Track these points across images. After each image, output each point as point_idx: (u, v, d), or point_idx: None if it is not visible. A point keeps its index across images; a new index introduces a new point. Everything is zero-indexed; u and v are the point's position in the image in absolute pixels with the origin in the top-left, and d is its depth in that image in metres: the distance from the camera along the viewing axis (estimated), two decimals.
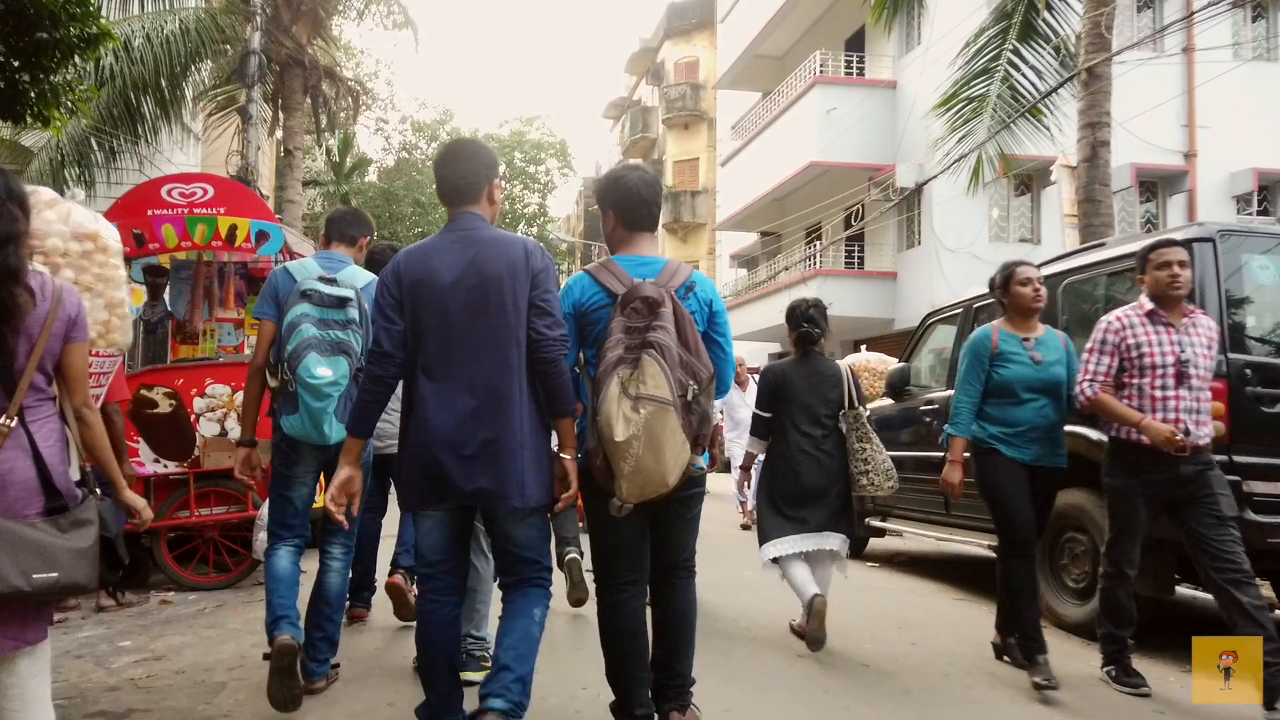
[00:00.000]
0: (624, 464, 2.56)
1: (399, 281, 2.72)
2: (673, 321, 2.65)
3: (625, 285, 2.74)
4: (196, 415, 5.68)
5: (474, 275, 2.68)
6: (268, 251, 5.78)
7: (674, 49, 33.99)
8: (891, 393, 6.72)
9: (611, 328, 2.67)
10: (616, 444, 2.55)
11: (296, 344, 3.32)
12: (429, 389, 2.67)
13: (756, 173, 20.29)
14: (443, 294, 2.68)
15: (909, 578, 6.30)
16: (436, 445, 2.63)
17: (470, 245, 2.72)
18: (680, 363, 2.62)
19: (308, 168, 29.20)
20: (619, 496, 2.63)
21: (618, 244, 2.95)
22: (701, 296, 2.86)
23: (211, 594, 5.48)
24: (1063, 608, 4.82)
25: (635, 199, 2.90)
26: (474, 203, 2.81)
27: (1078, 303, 5.16)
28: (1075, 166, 9.33)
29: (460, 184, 2.81)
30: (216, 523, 5.65)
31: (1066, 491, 4.83)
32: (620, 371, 2.60)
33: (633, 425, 2.54)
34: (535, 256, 2.73)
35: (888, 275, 17.36)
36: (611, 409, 2.55)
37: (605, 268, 2.83)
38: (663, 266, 2.84)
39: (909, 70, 16.93)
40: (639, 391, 2.56)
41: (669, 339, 2.61)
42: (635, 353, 2.62)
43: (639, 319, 2.66)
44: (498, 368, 2.66)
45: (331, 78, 16.84)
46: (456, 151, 2.88)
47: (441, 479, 2.63)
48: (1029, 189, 16.51)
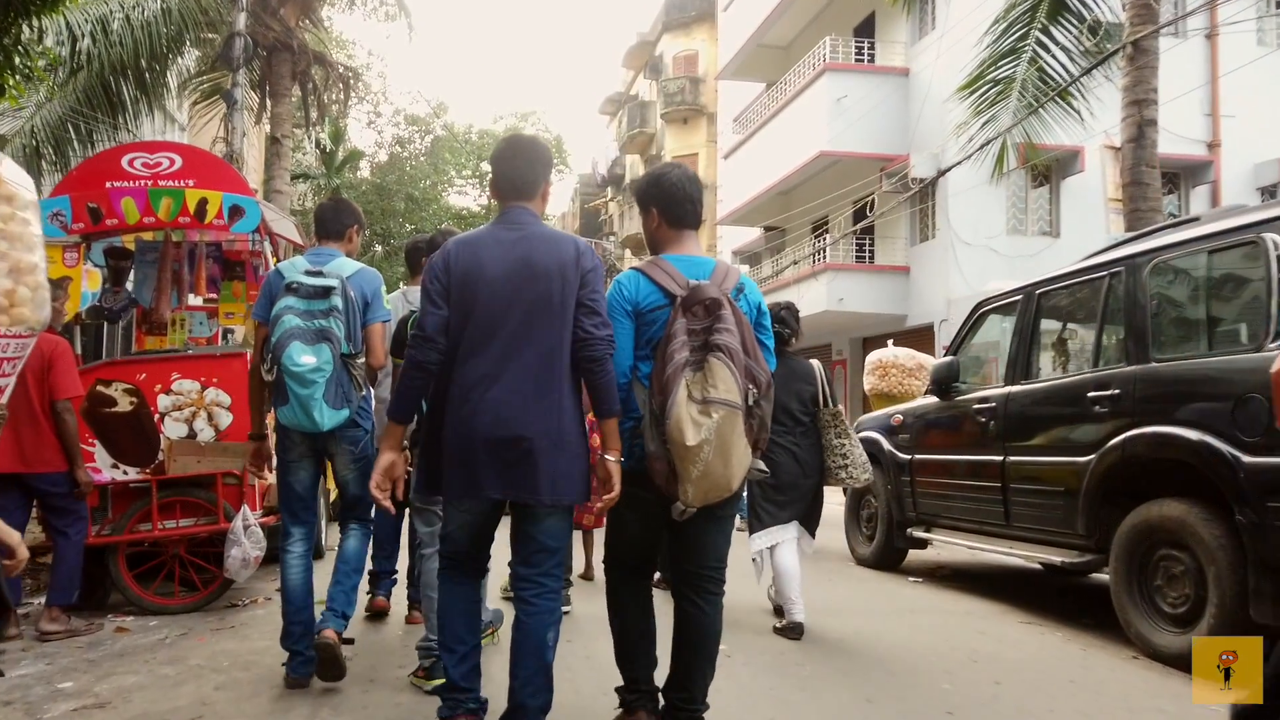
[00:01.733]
0: (693, 468, 2.53)
1: (448, 270, 2.71)
2: (735, 324, 2.63)
3: (681, 286, 2.71)
4: (161, 414, 5.00)
5: (524, 270, 2.67)
6: (242, 229, 5.11)
7: (673, 42, 33.36)
8: (937, 390, 6.06)
9: (674, 330, 2.62)
10: (687, 449, 2.51)
11: (280, 334, 3.42)
12: (469, 380, 2.65)
13: (761, 165, 19.65)
14: (490, 286, 2.67)
15: (961, 596, 5.65)
16: (474, 437, 2.62)
17: (522, 240, 2.72)
18: (745, 367, 2.61)
19: (297, 160, 28.48)
20: (683, 500, 2.59)
21: (662, 243, 2.91)
22: (751, 299, 2.86)
23: (176, 619, 4.80)
24: (1157, 636, 4.16)
25: (680, 194, 2.87)
26: (529, 199, 2.82)
27: (1169, 285, 4.51)
28: (1119, 148, 8.70)
29: (519, 180, 2.83)
30: (183, 537, 4.97)
31: (1161, 502, 4.20)
32: (687, 374, 2.57)
33: (704, 430, 2.51)
34: (586, 256, 2.73)
35: (900, 270, 16.72)
36: (681, 413, 2.52)
37: (658, 266, 2.78)
38: (714, 267, 2.81)
39: (922, 57, 16.30)
40: (707, 395, 2.54)
41: (735, 342, 2.60)
42: (700, 355, 2.59)
43: (698, 321, 2.64)
44: (541, 363, 2.65)
45: (322, 63, 16.13)
46: (517, 148, 2.90)
47: (477, 472, 2.62)
48: (1047, 180, 15.89)
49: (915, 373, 8.74)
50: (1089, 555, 4.73)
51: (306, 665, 3.54)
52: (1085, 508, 4.64)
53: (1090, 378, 4.73)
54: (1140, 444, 4.32)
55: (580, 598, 5.12)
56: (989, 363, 6.66)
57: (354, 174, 30.50)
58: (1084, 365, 5.11)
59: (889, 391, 8.71)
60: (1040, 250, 15.35)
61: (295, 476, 3.66)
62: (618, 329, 2.75)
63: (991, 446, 5.40)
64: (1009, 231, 15.62)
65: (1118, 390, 4.47)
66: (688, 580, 2.84)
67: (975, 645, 4.34)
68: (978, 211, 15.28)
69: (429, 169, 32.75)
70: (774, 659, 4.04)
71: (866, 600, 5.44)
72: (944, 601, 5.46)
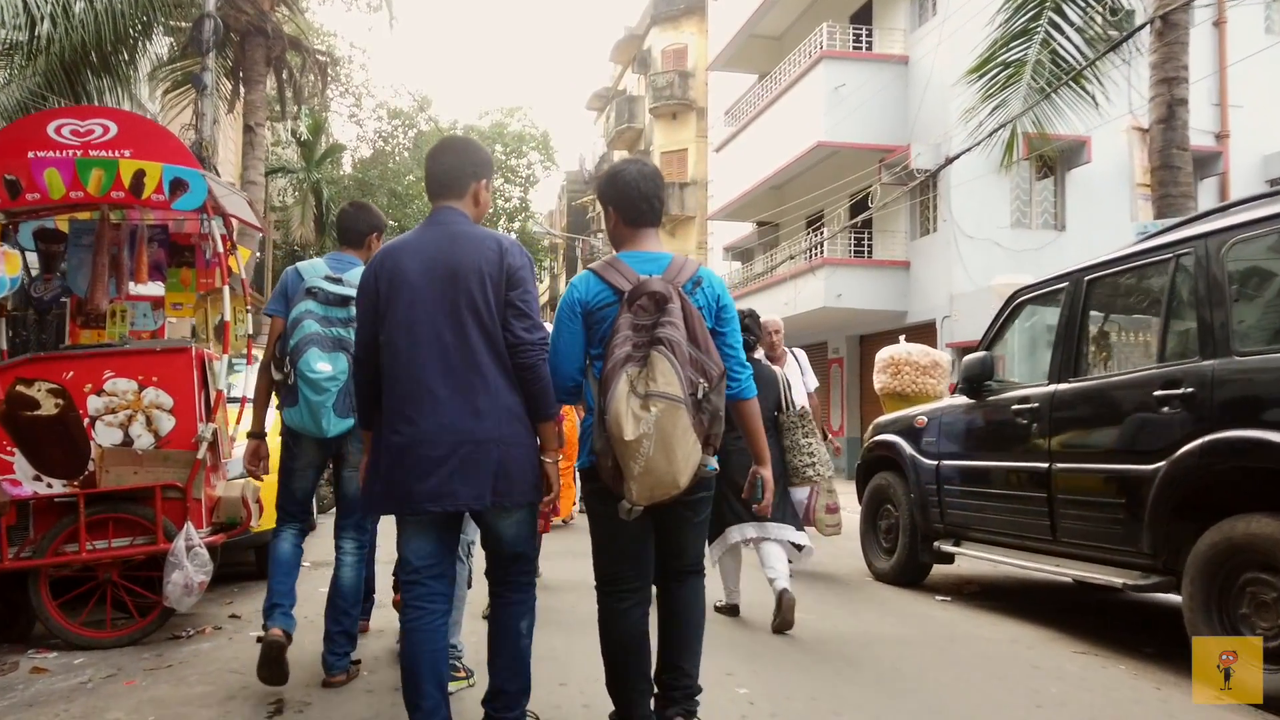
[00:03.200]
0: (634, 464, 2.51)
1: (376, 278, 2.70)
2: (681, 318, 2.60)
3: (631, 282, 2.68)
4: (91, 418, 4.35)
5: (444, 270, 2.64)
6: (187, 205, 4.46)
7: (661, 35, 32.80)
8: (968, 389, 5.47)
9: (618, 325, 2.61)
10: (626, 443, 2.49)
11: (299, 339, 3.47)
12: (399, 388, 2.63)
13: (754, 158, 19.06)
14: (413, 289, 2.64)
15: (1000, 619, 5.06)
16: (411, 447, 2.59)
17: (444, 240, 2.69)
18: (690, 360, 2.57)
19: (276, 154, 27.74)
20: (628, 499, 2.56)
21: (621, 241, 2.88)
22: (709, 292, 2.79)
23: (107, 655, 4.15)
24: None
25: (634, 193, 2.82)
26: (456, 198, 2.79)
27: (1254, 266, 3.93)
28: (1146, 130, 8.15)
29: (444, 177, 2.81)
30: (116, 559, 4.32)
31: (1248, 518, 3.62)
32: (629, 369, 2.55)
33: (643, 424, 2.49)
34: (511, 253, 2.68)
35: (900, 264, 16.16)
36: (620, 407, 2.50)
37: (611, 265, 2.77)
38: (669, 262, 2.77)
39: (922, 45, 15.75)
40: (649, 389, 2.51)
41: (679, 335, 2.57)
42: (644, 350, 2.56)
43: (646, 316, 2.61)
44: (470, 367, 2.61)
45: (297, 49, 15.46)
46: (446, 145, 2.90)
47: (418, 483, 2.57)
48: (1052, 172, 15.37)
49: (930, 370, 8.15)
50: (1154, 576, 4.15)
51: (286, 618, 3.60)
52: (1151, 522, 4.06)
53: (1156, 374, 4.14)
54: (1220, 450, 3.74)
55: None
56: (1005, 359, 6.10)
57: (335, 169, 29.73)
58: (1147, 360, 4.53)
59: (902, 390, 8.12)
60: (1045, 244, 14.84)
61: (297, 481, 3.74)
62: (564, 331, 2.74)
63: (1035, 451, 4.82)
64: (1013, 225, 15.09)
65: (1191, 388, 3.89)
66: (671, 576, 2.87)
67: (1035, 685, 3.74)
68: (980, 204, 14.76)
69: (413, 164, 32.03)
70: (806, 706, 3.43)
71: (898, 626, 4.84)
72: (983, 626, 4.86)
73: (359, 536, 3.72)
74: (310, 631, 3.98)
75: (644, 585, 2.81)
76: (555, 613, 4.84)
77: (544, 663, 3.50)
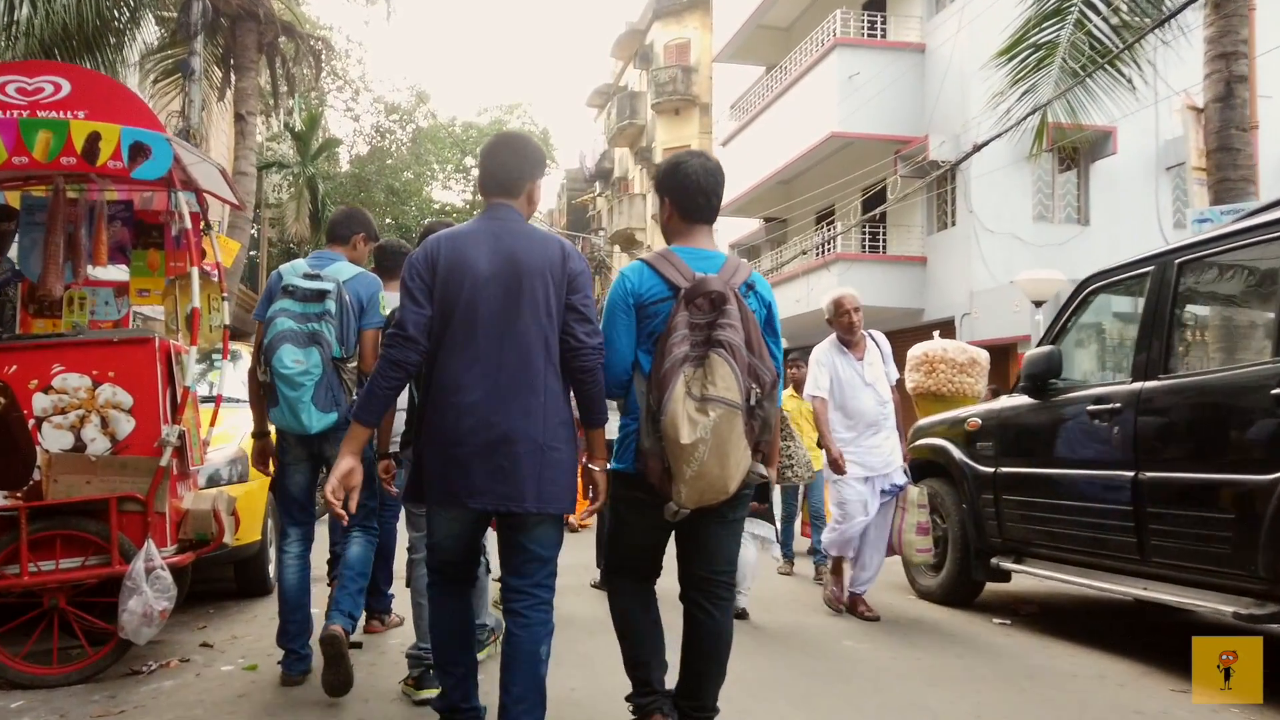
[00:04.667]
0: (686, 468, 2.46)
1: (432, 266, 2.62)
2: (740, 320, 2.55)
3: (687, 278, 2.63)
4: (37, 419, 3.77)
5: (510, 268, 2.60)
6: (148, 174, 3.87)
7: (664, 30, 32.26)
8: (1031, 387, 4.89)
9: (675, 323, 2.56)
10: (682, 446, 2.44)
11: (272, 336, 3.49)
12: (451, 382, 2.57)
13: (762, 152, 18.49)
14: (475, 284, 2.59)
15: (1074, 648, 4.47)
16: (456, 443, 2.54)
17: (506, 237, 2.64)
18: (747, 365, 2.53)
19: (271, 149, 27.15)
20: (676, 501, 2.51)
21: (673, 235, 2.84)
22: (762, 297, 2.78)
23: (53, 694, 3.56)
24: None
25: (694, 187, 2.77)
26: (513, 197, 2.74)
27: None
28: (1202, 109, 7.58)
29: (502, 175, 2.74)
30: (64, 583, 3.72)
31: None
32: (686, 370, 2.50)
33: (700, 428, 2.44)
34: (573, 258, 2.67)
35: (916, 260, 15.60)
36: (678, 409, 2.45)
37: (665, 258, 2.72)
38: (724, 262, 2.74)
39: (939, 33, 15.19)
40: (706, 392, 2.47)
41: (738, 338, 2.52)
42: (700, 350, 2.52)
43: (701, 315, 2.56)
44: (526, 366, 2.57)
45: (290, 34, 14.86)
46: (504, 143, 2.85)
47: (461, 478, 2.54)
48: (1075, 164, 14.81)
49: (968, 368, 7.56)
50: (1272, 605, 3.56)
51: (302, 663, 3.63)
52: (1269, 542, 3.48)
53: (1272, 370, 3.57)
54: None
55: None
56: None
57: (332, 165, 29.14)
58: (1260, 353, 3.95)
59: (937, 390, 7.53)
60: (1069, 239, 14.30)
61: (291, 479, 3.71)
62: (617, 324, 2.69)
63: (1118, 458, 4.23)
64: (1035, 219, 14.54)
65: None
66: (698, 585, 2.76)
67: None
68: (1002, 197, 14.21)
69: (411, 160, 31.45)
70: None
71: (964, 657, 4.25)
72: (1059, 658, 4.27)
73: (365, 523, 3.69)
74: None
75: (657, 572, 2.85)
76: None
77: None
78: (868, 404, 5.01)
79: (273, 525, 5.58)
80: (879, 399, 5.01)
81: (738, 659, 2.95)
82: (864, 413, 5.01)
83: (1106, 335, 5.41)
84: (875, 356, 5.11)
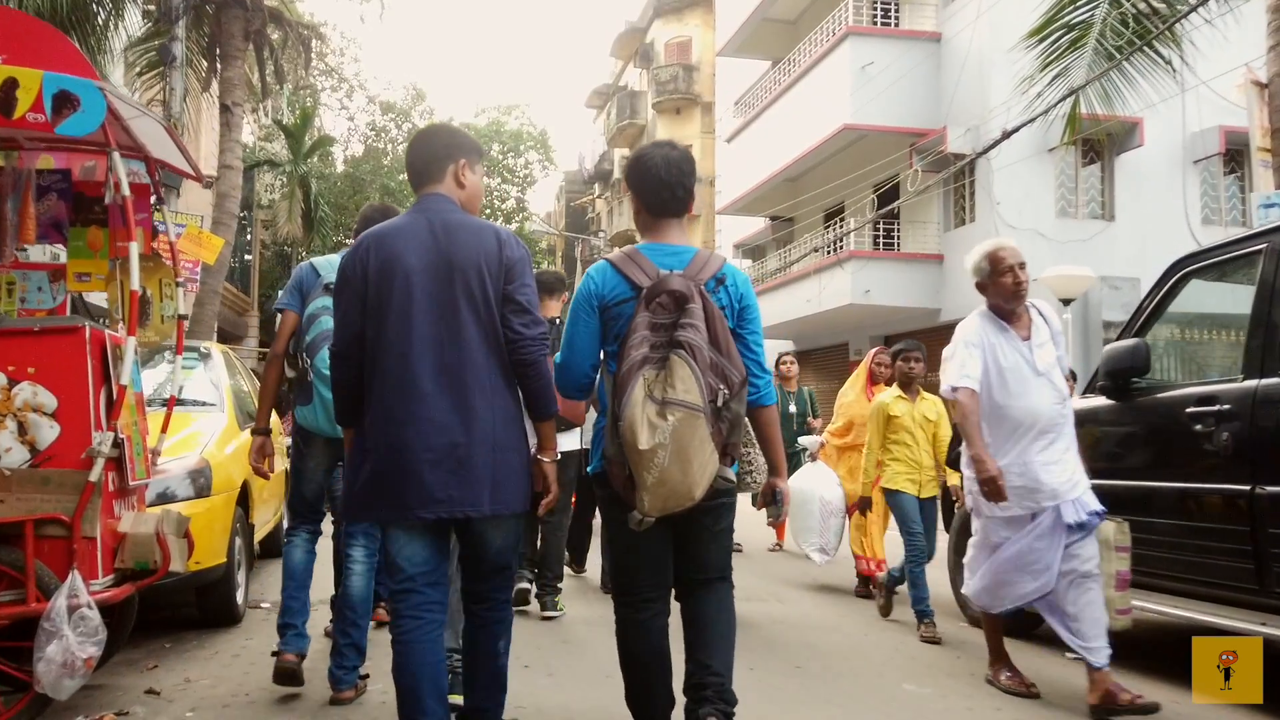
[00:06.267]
0: (647, 475, 2.39)
1: (363, 271, 2.55)
2: (703, 319, 2.48)
3: (651, 277, 2.56)
4: None
5: (441, 262, 2.53)
6: (76, 129, 3.21)
7: (664, 28, 31.74)
8: (1113, 387, 4.24)
9: (635, 324, 2.49)
10: (640, 452, 2.38)
11: (315, 335, 3.44)
12: (390, 385, 2.49)
13: (769, 148, 17.90)
14: (408, 281, 2.51)
15: (1168, 689, 3.81)
16: (403, 449, 2.46)
17: (438, 228, 2.57)
18: (711, 364, 2.46)
19: (262, 147, 26.49)
20: (639, 509, 2.44)
21: (643, 230, 2.76)
22: (733, 290, 2.67)
23: None
24: None
25: (656, 182, 2.67)
26: (437, 183, 2.66)
27: None
28: (1266, 84, 6.97)
29: (420, 164, 2.69)
30: None
31: None
32: (645, 373, 2.44)
33: (659, 433, 2.38)
34: (510, 245, 2.60)
35: (932, 258, 14.98)
36: (635, 414, 2.39)
37: (629, 257, 2.64)
38: (692, 257, 2.65)
39: (956, 20, 14.59)
40: (666, 396, 2.41)
41: (699, 338, 2.45)
42: (661, 351, 2.46)
43: (665, 314, 2.50)
44: (467, 364, 2.50)
45: (279, 22, 14.25)
46: (419, 134, 2.86)
47: (411, 487, 2.45)
48: (1099, 157, 14.20)
49: None
50: None
51: (300, 640, 3.53)
52: None
53: None
54: None
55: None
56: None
57: (325, 164, 28.48)
58: None
59: None
60: (1093, 235, 13.69)
61: (309, 482, 3.64)
62: (579, 325, 2.63)
63: (1228, 469, 3.60)
64: (1058, 214, 13.91)
65: None
66: (698, 585, 2.69)
67: None
68: (1024, 192, 13.58)
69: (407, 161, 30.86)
70: None
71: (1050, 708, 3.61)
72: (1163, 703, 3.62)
73: (369, 544, 3.54)
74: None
75: (663, 595, 2.70)
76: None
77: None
78: (1041, 401, 3.58)
79: (240, 545, 4.95)
80: (1055, 394, 3.60)
81: None
82: (1036, 414, 3.57)
83: (1195, 326, 4.77)
84: (1044, 336, 3.73)
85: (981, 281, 3.82)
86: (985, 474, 3.45)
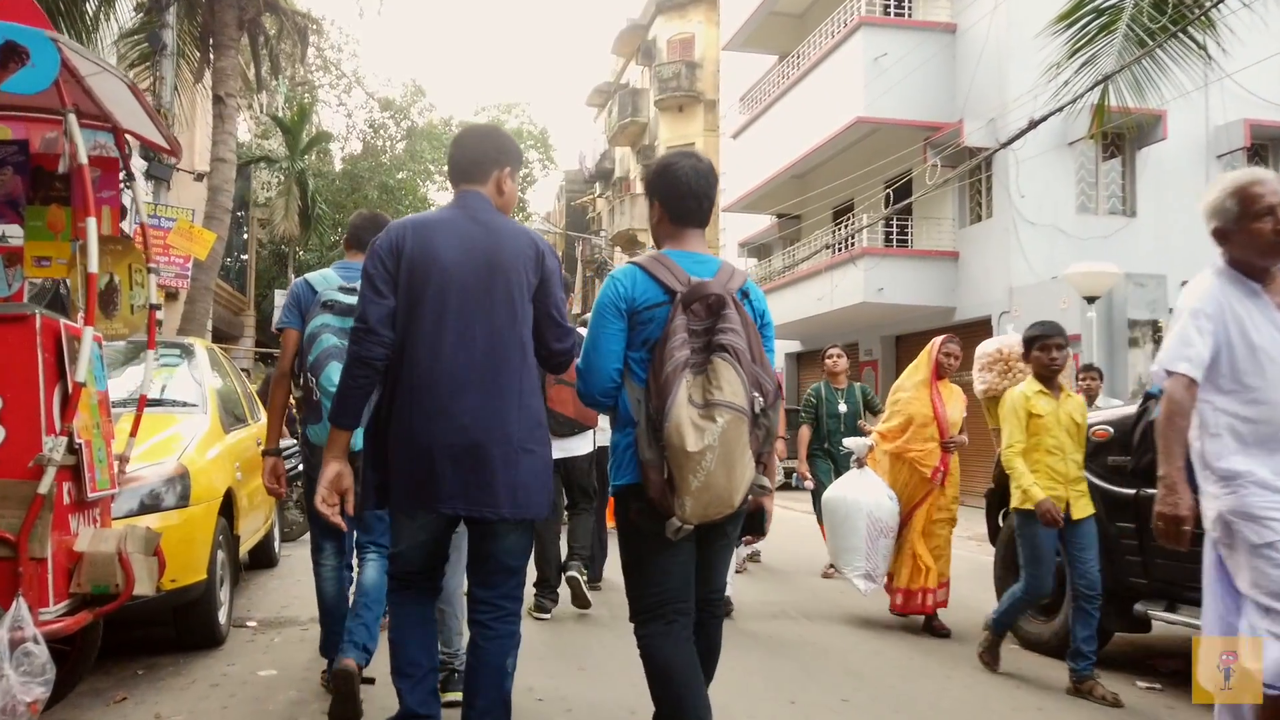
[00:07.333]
0: (693, 479, 2.31)
1: (396, 253, 2.54)
2: (740, 324, 2.44)
3: (683, 282, 2.50)
4: None
5: (482, 260, 2.55)
6: (24, 87, 2.79)
7: (667, 25, 31.37)
8: None
9: (673, 327, 2.42)
10: (688, 455, 2.29)
11: (318, 353, 3.39)
12: (418, 378, 2.50)
13: (776, 144, 17.47)
14: (445, 273, 2.53)
15: None
16: (426, 444, 2.47)
17: (479, 227, 2.60)
18: (750, 372, 2.41)
19: (258, 144, 26.07)
20: (680, 515, 2.34)
21: (663, 239, 2.70)
22: (756, 305, 2.64)
23: None
24: None
25: (683, 189, 2.60)
26: (479, 184, 2.68)
27: None
28: None
29: (465, 162, 2.71)
30: None
31: None
32: (688, 374, 2.36)
33: (707, 435, 2.30)
34: (548, 255, 2.65)
35: (948, 255, 14.56)
36: (681, 414, 2.31)
37: (659, 261, 2.56)
38: (719, 267, 2.61)
39: (972, 11, 14.17)
40: (710, 398, 2.34)
41: (741, 342, 2.40)
42: (701, 356, 2.40)
43: (699, 320, 2.44)
44: (498, 362, 2.52)
45: (274, 10, 13.82)
46: (470, 130, 2.86)
47: (430, 483, 2.47)
48: (1120, 151, 13.79)
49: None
50: None
51: (356, 648, 3.26)
52: None
53: None
54: None
55: None
56: None
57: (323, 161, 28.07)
58: None
59: None
60: (1114, 231, 13.28)
61: None
62: (607, 329, 2.52)
63: None
64: (1078, 210, 13.51)
65: None
66: (709, 604, 2.64)
67: None
68: (1043, 187, 13.18)
69: (406, 158, 30.43)
70: None
71: None
72: None
73: (380, 541, 3.44)
74: None
75: (691, 605, 2.56)
76: None
77: None
78: None
79: (223, 559, 4.52)
80: None
81: None
82: None
83: None
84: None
85: (1223, 227, 2.67)
86: (1170, 509, 2.52)
